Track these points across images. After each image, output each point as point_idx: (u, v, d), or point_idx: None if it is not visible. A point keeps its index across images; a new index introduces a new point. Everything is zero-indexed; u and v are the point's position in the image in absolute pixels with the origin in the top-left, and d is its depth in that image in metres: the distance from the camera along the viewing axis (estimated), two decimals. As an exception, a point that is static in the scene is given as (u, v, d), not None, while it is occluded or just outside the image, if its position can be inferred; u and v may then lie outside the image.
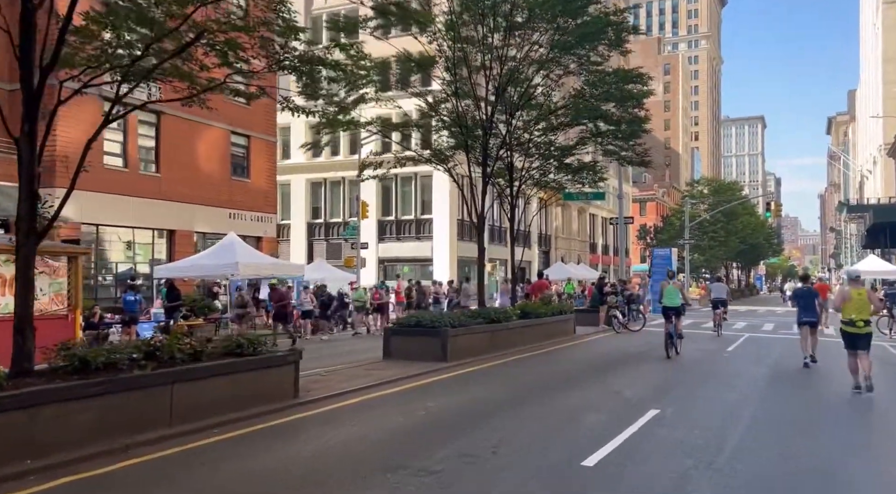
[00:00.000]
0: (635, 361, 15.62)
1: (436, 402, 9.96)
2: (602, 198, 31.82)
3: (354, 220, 34.04)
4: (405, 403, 9.87)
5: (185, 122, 28.60)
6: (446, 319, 13.94)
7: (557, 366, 14.40)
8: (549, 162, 19.22)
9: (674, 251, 36.24)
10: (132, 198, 26.17)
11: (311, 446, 7.52)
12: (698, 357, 16.68)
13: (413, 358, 13.80)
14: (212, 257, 21.89)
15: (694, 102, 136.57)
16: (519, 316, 17.83)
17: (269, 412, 8.61)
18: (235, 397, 8.36)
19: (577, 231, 69.25)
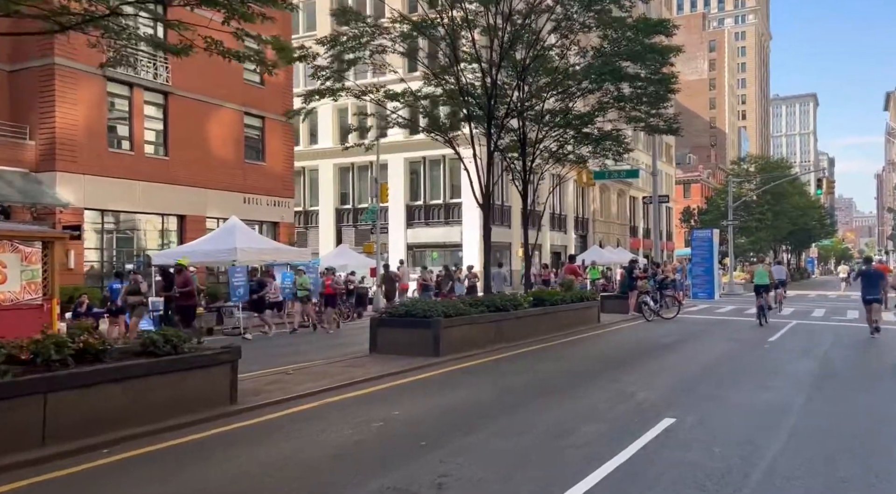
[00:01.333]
0: (660, 354, 13.69)
1: (402, 410, 8.30)
2: (636, 176, 29.59)
3: (373, 204, 32.43)
4: (365, 411, 8.23)
5: (195, 103, 27.39)
6: (440, 308, 12.26)
7: (567, 361, 12.58)
8: (566, 132, 17.22)
9: (715, 233, 33.71)
10: (139, 182, 25.10)
11: (218, 472, 5.94)
12: (734, 348, 14.64)
13: (401, 352, 12.17)
14: (211, 242, 20.63)
15: (741, 80, 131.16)
16: (532, 303, 16.02)
17: (191, 424, 7.06)
18: (145, 406, 6.84)
19: (616, 214, 66.62)
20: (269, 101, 30.54)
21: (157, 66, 25.93)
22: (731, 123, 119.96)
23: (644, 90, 16.21)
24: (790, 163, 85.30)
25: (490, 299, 14.35)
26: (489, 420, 7.73)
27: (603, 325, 19.25)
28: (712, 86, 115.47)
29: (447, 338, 12.27)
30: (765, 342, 16.03)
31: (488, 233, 16.10)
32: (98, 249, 24.52)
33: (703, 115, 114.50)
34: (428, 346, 12.04)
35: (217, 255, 19.58)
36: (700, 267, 33.02)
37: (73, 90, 23.06)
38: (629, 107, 16.78)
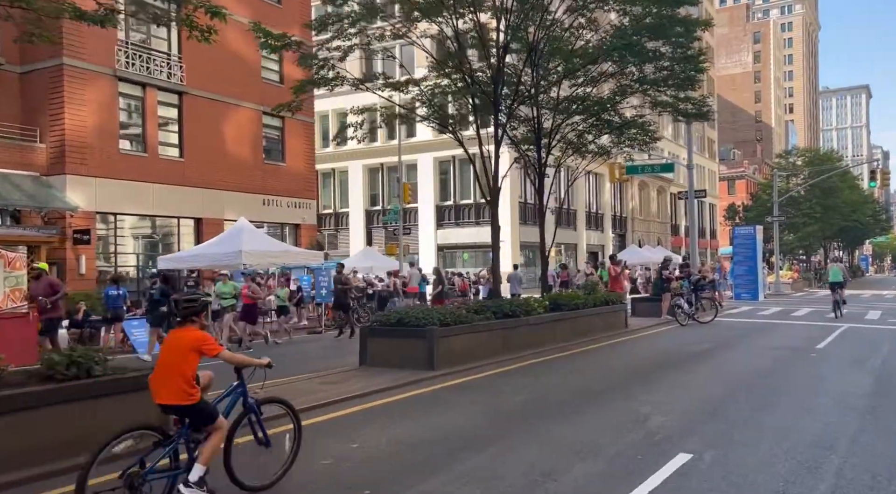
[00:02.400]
0: (688, 365, 12.09)
1: (364, 441, 6.99)
2: (671, 171, 27.74)
3: (395, 204, 31.26)
4: (320, 444, 6.96)
5: (210, 103, 26.61)
6: (436, 316, 10.91)
7: (579, 375, 11.09)
8: (584, 119, 15.65)
9: (759, 229, 31.53)
10: (152, 185, 24.38)
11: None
12: (775, 358, 12.93)
13: (393, 365, 10.87)
14: (217, 246, 19.67)
15: (788, 72, 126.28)
16: (548, 308, 14.55)
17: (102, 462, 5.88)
18: (36, 447, 5.68)
19: (656, 211, 64.24)
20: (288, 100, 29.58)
21: (171, 66, 25.21)
22: (777, 117, 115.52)
23: (670, 71, 14.55)
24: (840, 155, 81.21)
25: (497, 304, 12.96)
26: (462, 457, 6.36)
27: (630, 331, 17.64)
28: (757, 79, 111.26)
29: (444, 350, 10.92)
30: (811, 350, 14.25)
31: (496, 232, 14.68)
32: (112, 254, 23.89)
33: (747, 109, 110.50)
34: (422, 359, 10.72)
35: (222, 259, 18.59)
36: (743, 267, 30.92)
37: (83, 91, 22.43)
38: (653, 90, 15.12)
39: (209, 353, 5.01)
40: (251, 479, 5.25)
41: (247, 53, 26.63)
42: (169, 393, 4.90)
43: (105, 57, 23.01)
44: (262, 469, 5.46)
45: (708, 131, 76.60)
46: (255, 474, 5.33)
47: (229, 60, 26.40)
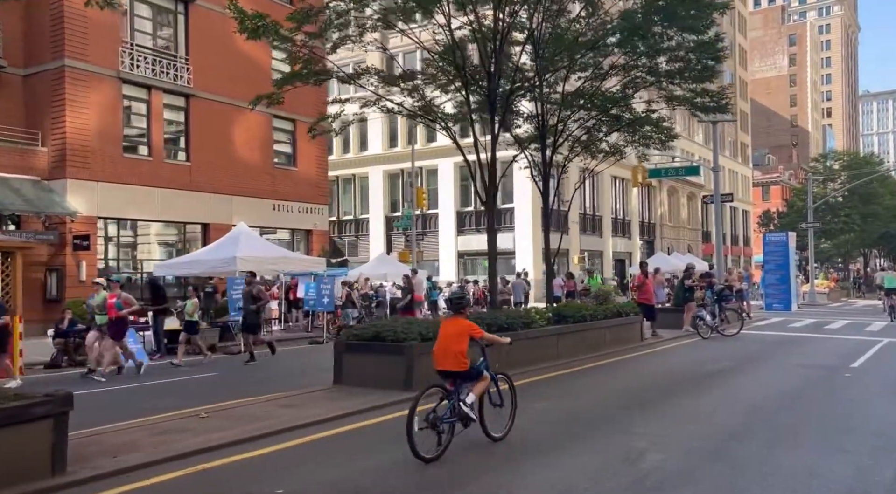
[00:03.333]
0: (703, 387, 10.73)
1: (293, 485, 5.86)
2: (696, 173, 26.21)
3: (408, 209, 30.24)
4: (239, 487, 5.87)
5: (218, 106, 25.91)
6: (417, 329, 9.77)
7: (574, 398, 9.82)
8: (590, 114, 14.34)
9: (791, 236, 29.71)
10: (157, 189, 23.73)
11: None
12: (802, 379, 11.49)
13: (369, 385, 9.76)
14: (212, 252, 18.88)
15: (825, 76, 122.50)
16: (551, 320, 13.31)
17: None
18: None
19: (686, 218, 62.24)
20: (300, 103, 28.64)
21: (178, 68, 24.58)
22: (814, 121, 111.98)
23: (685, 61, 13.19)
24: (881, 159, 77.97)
25: (493, 316, 11.76)
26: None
27: (646, 344, 16.27)
28: (793, 83, 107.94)
29: (426, 368, 9.75)
30: (845, 368, 12.75)
31: (493, 237, 13.47)
32: (115, 260, 23.27)
33: (782, 114, 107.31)
34: (399, 378, 9.59)
35: (217, 265, 17.75)
36: (774, 275, 29.13)
37: (85, 93, 21.87)
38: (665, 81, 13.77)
39: (476, 336, 6.88)
40: (494, 430, 7.16)
41: (257, 55, 25.89)
42: (449, 363, 6.77)
43: (109, 58, 22.44)
44: (497, 423, 7.22)
45: (741, 135, 74.26)
46: (494, 427, 7.18)
47: (238, 62, 25.68)
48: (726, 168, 68.91)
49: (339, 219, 49.34)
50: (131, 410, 8.97)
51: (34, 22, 22.00)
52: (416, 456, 6.19)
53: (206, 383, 12.24)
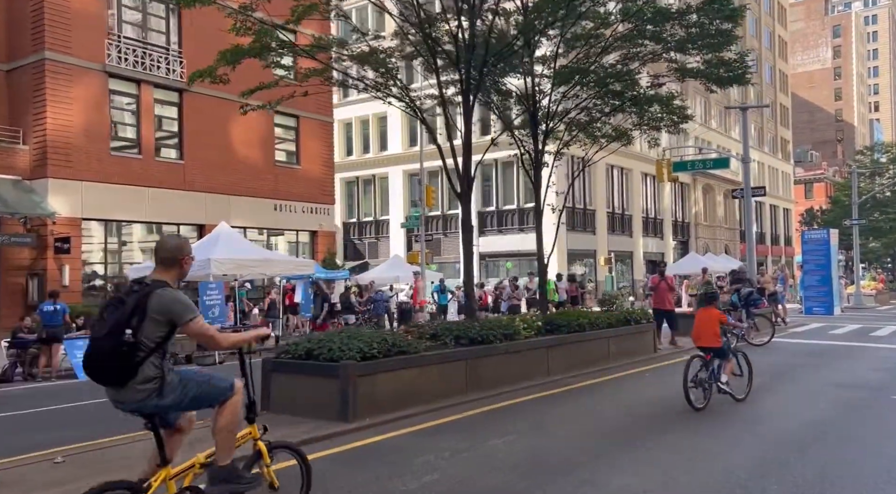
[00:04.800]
0: (713, 415, 8.69)
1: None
2: (725, 166, 23.92)
3: (416, 208, 28.58)
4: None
5: (215, 101, 24.49)
6: (357, 345, 8.01)
7: (542, 434, 7.80)
8: (593, 92, 12.30)
9: (833, 233, 27.10)
10: (148, 189, 22.50)
11: None
12: (840, 403, 9.39)
13: (300, 412, 8.04)
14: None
15: (872, 68, 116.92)
16: (542, 330, 11.42)
17: None
18: None
19: (723, 217, 59.24)
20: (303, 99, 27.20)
21: (170, 61, 23.32)
22: (860, 115, 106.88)
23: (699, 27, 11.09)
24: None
25: (464, 327, 9.92)
26: None
27: (659, 357, 14.20)
28: (837, 76, 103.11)
29: (368, 392, 8.02)
30: (891, 389, 10.60)
31: (469, 230, 11.58)
32: (102, 263, 22.08)
33: (826, 108, 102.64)
34: (332, 405, 7.85)
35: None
36: (814, 277, 26.57)
37: (68, 88, 20.71)
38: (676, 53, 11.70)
39: (723, 321, 9.14)
40: (737, 393, 9.12)
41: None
42: (707, 340, 8.90)
43: (94, 51, 21.27)
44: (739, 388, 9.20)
45: (781, 130, 70.72)
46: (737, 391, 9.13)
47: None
48: (766, 164, 65.57)
49: (360, 220, 47.98)
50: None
51: (15, 14, 20.95)
52: (690, 405, 8.52)
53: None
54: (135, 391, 3.85)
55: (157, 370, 3.90)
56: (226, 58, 11.30)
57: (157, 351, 3.90)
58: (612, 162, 46.32)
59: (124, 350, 3.77)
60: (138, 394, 3.86)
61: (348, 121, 47.45)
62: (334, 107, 41.80)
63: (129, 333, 3.77)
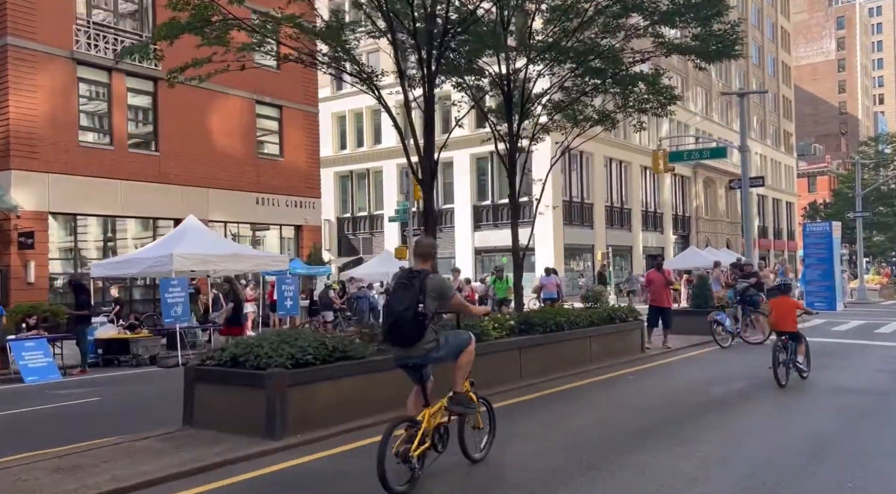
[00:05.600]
0: (694, 427, 7.64)
1: None
2: (722, 155, 22.81)
3: (403, 202, 27.58)
4: None
5: (193, 90, 23.19)
6: (289, 351, 7.00)
7: (505, 452, 6.82)
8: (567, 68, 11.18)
9: (836, 226, 25.97)
10: (121, 182, 21.52)
11: None
12: (843, 408, 8.34)
13: (224, 427, 7.02)
14: (152, 249, 16.48)
15: (876, 61, 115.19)
16: (515, 329, 10.39)
17: None
18: None
19: (725, 210, 58.05)
20: (287, 88, 26.36)
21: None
22: (864, 108, 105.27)
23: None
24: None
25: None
26: None
27: (647, 357, 13.13)
28: (841, 68, 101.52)
29: (302, 404, 7.00)
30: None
31: (432, 217, 10.53)
32: (70, 260, 21.12)
33: (830, 101, 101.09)
34: (258, 420, 6.84)
35: (153, 264, 15.29)
36: (816, 270, 25.44)
37: (32, 75, 19.71)
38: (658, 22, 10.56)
39: (800, 308, 10.48)
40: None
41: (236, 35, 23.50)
42: (786, 326, 9.82)
43: (61, 37, 20.26)
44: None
45: (784, 123, 69.41)
46: None
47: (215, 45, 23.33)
48: (768, 157, 64.31)
49: (354, 215, 47.01)
50: None
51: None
52: (776, 381, 9.49)
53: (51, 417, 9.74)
54: (422, 349, 5.35)
55: (434, 333, 5.45)
56: (161, 33, 10.24)
57: (433, 319, 5.40)
58: (610, 155, 45.27)
59: (419, 319, 5.20)
60: (423, 351, 5.37)
61: (342, 115, 46.45)
62: (328, 100, 40.87)
63: (421, 307, 5.19)
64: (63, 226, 20.87)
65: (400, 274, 5.58)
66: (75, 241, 21.14)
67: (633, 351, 13.03)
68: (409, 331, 5.25)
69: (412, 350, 5.36)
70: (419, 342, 5.29)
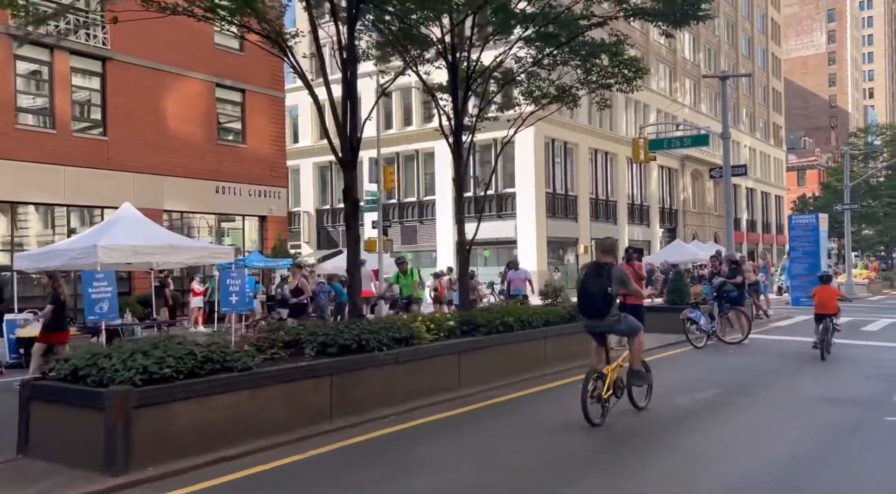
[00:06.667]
0: (648, 449, 6.30)
1: None
2: (705, 143, 21.43)
3: (374, 192, 26.17)
4: None
5: (145, 71, 21.96)
6: (140, 362, 5.61)
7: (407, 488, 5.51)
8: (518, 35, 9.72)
9: (822, 218, 24.66)
10: (64, 168, 20.01)
11: None
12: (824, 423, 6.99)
13: (60, 458, 5.63)
14: (77, 240, 15.03)
15: (867, 54, 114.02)
16: (455, 331, 9.02)
17: None
18: None
19: (713, 204, 56.73)
20: (250, 71, 24.83)
21: (90, 27, 20.75)
22: (854, 101, 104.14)
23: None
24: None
25: (334, 331, 7.50)
26: None
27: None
28: (832, 61, 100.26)
29: (157, 429, 5.61)
30: (887, 404, 8.24)
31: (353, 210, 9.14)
32: (7, 251, 19.61)
33: (821, 94, 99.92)
34: (96, 450, 5.45)
35: (77, 256, 13.83)
36: (802, 264, 24.15)
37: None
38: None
39: (839, 295, 12.57)
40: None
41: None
42: (827, 309, 11.54)
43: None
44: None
45: (774, 116, 68.14)
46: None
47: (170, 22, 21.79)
48: (757, 150, 63.03)
49: (333, 207, 45.52)
50: None
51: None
52: (821, 355, 11.50)
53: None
54: (608, 321, 7.27)
55: (617, 310, 7.37)
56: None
57: (614, 300, 7.33)
58: (595, 146, 43.86)
59: (608, 298, 7.16)
60: (609, 322, 7.32)
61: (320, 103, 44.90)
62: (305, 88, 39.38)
63: (609, 290, 7.11)
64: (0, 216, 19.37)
65: (590, 266, 7.51)
66: (12, 232, 19.63)
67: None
68: (600, 307, 7.15)
69: (602, 321, 7.27)
70: (607, 316, 7.20)
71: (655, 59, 49.81)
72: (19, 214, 19.87)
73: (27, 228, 20.30)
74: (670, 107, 49.24)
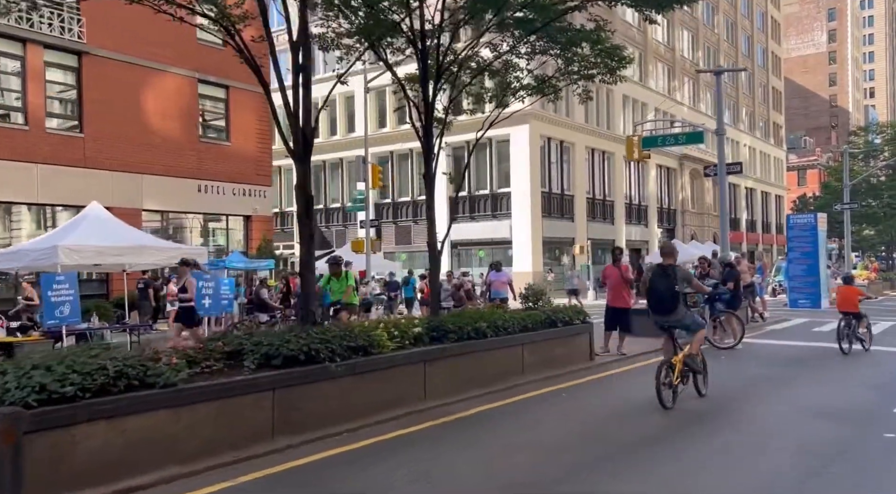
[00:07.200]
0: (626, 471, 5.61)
1: None
2: (700, 141, 20.68)
3: (360, 190, 25.48)
4: None
5: (124, 66, 21.27)
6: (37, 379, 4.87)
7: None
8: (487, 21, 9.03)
9: (821, 218, 23.92)
10: (37, 166, 19.37)
11: None
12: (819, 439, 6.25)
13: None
14: (40, 240, 14.36)
15: (868, 54, 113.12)
16: (423, 338, 8.31)
17: None
18: None
19: (712, 204, 55.94)
20: (235, 67, 23.79)
21: (66, 19, 20.09)
22: (855, 101, 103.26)
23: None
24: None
25: (280, 339, 6.81)
26: None
27: (593, 367, 11.04)
28: (832, 61, 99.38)
29: (54, 458, 4.86)
30: (886, 417, 7.54)
31: (307, 203, 8.42)
32: (-22, 250, 18.93)
33: (821, 93, 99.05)
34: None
35: (38, 257, 13.16)
36: (800, 265, 23.42)
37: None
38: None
39: (861, 295, 12.89)
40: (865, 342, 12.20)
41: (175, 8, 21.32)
42: (849, 307, 12.32)
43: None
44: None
45: (774, 115, 67.38)
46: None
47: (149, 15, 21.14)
48: (757, 149, 62.29)
49: (327, 206, 44.87)
50: None
51: None
52: (841, 350, 12.03)
53: None
54: (676, 315, 8.08)
55: (684, 306, 8.21)
56: None
57: (682, 297, 8.11)
58: (592, 145, 43.13)
59: (676, 295, 7.95)
60: (678, 317, 8.11)
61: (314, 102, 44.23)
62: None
63: (677, 288, 7.95)
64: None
65: (656, 268, 8.25)
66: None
67: (579, 360, 10.95)
68: (669, 304, 7.98)
69: (670, 316, 8.10)
70: (675, 312, 8.03)
71: (654, 57, 49.08)
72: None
73: None
74: (669, 105, 48.51)
